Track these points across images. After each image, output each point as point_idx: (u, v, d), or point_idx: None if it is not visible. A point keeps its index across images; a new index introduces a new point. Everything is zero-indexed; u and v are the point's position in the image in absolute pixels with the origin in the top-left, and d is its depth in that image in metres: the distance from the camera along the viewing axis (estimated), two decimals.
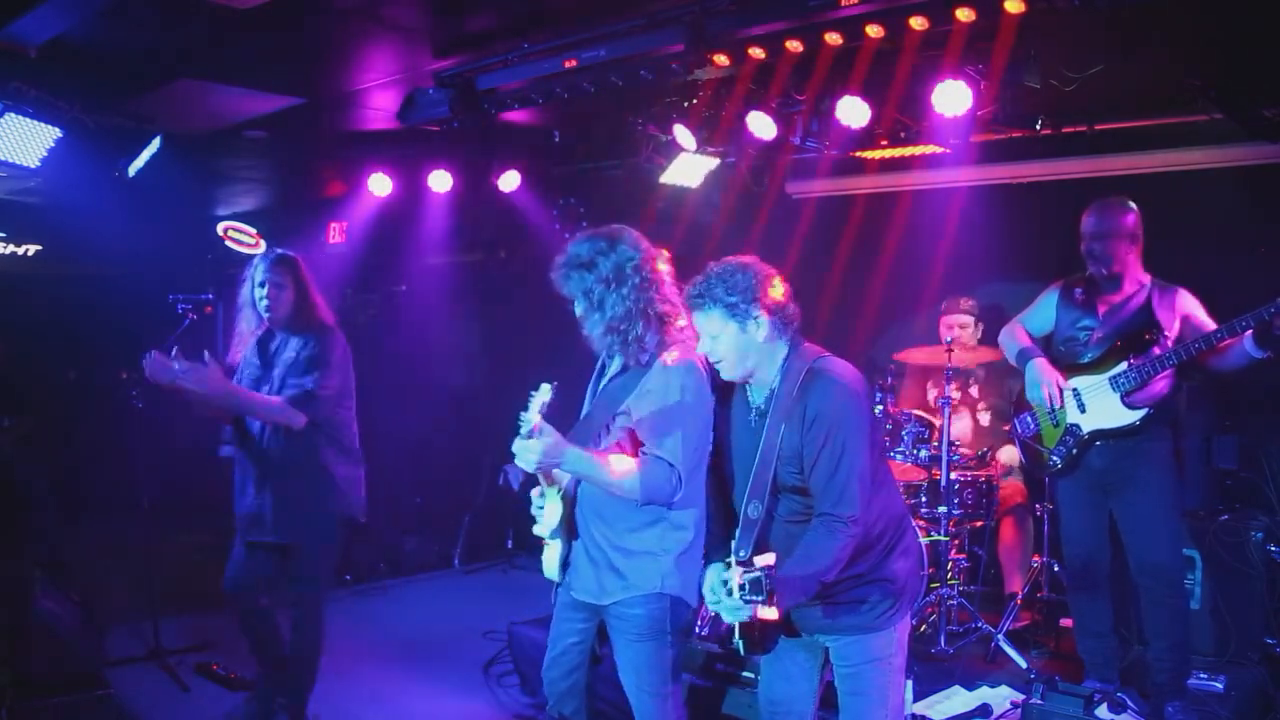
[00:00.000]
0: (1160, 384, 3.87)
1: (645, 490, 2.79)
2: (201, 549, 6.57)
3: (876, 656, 2.80)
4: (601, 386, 3.06)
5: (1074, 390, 4.02)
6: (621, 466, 2.82)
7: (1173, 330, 3.89)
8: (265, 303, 3.95)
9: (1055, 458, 4.09)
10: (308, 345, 3.96)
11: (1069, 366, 4.08)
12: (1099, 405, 3.96)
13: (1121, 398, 3.90)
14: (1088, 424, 3.99)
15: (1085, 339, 4.07)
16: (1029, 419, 4.25)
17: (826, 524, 2.63)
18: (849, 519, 2.61)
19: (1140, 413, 3.88)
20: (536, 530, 3.03)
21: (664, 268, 2.97)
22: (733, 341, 2.73)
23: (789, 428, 2.69)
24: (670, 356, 2.90)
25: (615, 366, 3.05)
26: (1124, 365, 3.91)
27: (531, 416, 2.63)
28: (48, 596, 4.36)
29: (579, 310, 2.94)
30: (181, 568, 5.67)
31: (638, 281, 2.88)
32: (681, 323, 2.94)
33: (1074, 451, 4.03)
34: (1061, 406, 4.02)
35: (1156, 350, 3.85)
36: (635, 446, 2.89)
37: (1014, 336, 4.27)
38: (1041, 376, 4.05)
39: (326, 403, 3.94)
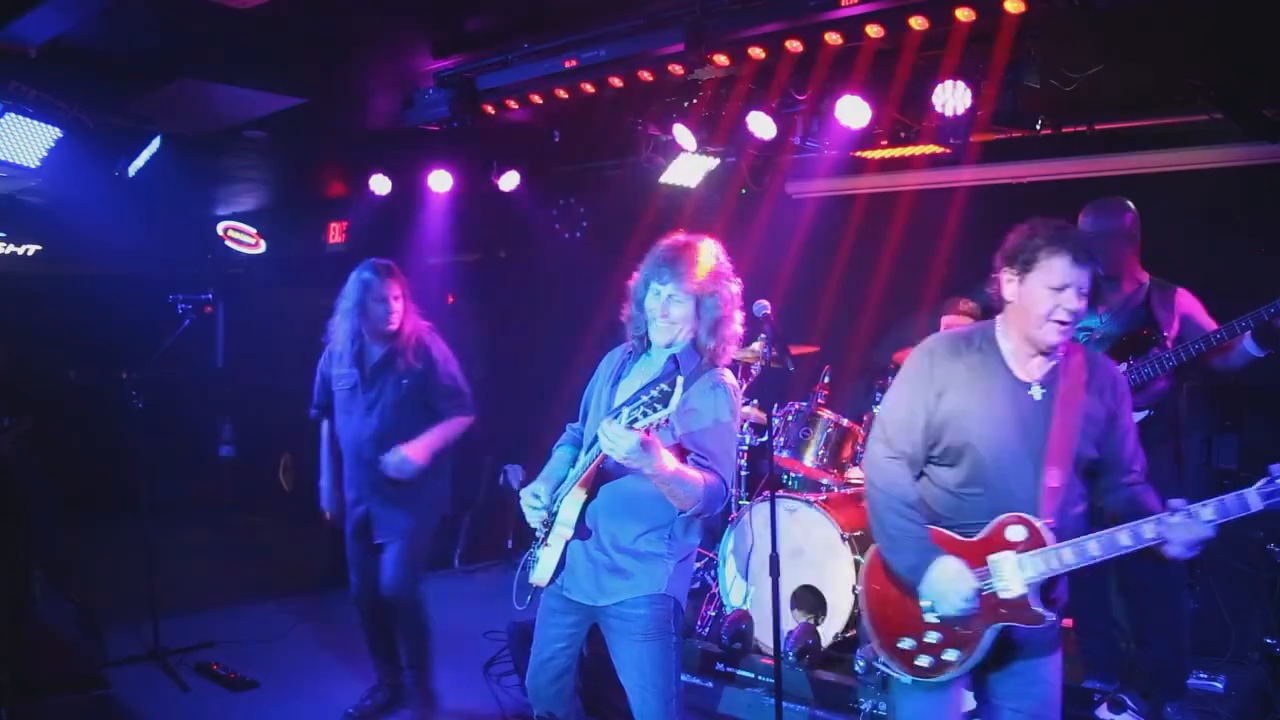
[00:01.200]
0: (1160, 384, 3.87)
1: (707, 502, 2.80)
2: (202, 549, 6.65)
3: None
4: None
5: None
6: (694, 475, 2.78)
7: (1172, 330, 3.89)
8: (391, 316, 4.09)
9: None
10: (431, 350, 4.16)
11: None
12: None
13: None
14: None
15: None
16: None
17: (1147, 487, 2.75)
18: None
19: (1140, 414, 3.88)
20: (556, 534, 2.94)
21: None
22: None
23: (1093, 398, 2.65)
24: (716, 376, 2.93)
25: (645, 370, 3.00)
26: (1123, 366, 3.90)
27: (653, 420, 2.50)
28: (48, 596, 4.36)
29: (679, 309, 2.91)
30: (181, 568, 5.67)
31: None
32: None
33: None
34: None
35: (1156, 350, 3.84)
36: (682, 456, 2.83)
37: None
38: None
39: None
